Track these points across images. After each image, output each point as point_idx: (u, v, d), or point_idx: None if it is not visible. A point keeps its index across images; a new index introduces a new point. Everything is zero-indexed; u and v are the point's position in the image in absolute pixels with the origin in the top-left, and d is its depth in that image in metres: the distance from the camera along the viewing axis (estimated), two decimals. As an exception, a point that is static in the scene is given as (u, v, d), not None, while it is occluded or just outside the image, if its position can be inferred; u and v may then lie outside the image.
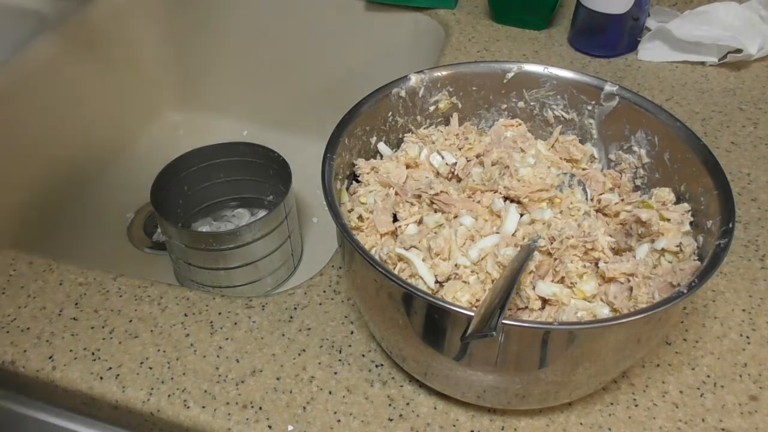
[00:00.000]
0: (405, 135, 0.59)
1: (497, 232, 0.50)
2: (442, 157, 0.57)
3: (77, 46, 0.92)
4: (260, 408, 0.49)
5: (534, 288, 0.46)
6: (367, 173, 0.55)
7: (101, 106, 0.98)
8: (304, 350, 0.53)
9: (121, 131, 1.04)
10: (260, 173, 0.76)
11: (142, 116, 1.09)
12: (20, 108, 0.83)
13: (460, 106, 0.59)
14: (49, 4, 0.92)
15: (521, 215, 0.51)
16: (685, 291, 0.40)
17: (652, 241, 0.48)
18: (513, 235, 0.49)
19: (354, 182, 0.55)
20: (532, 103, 0.59)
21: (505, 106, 0.59)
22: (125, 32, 1.02)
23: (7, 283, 0.59)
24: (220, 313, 0.56)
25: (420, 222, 0.51)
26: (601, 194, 0.55)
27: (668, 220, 0.49)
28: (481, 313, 0.38)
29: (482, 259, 0.47)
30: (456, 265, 0.47)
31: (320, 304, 0.56)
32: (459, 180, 0.56)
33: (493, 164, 0.54)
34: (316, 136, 0.57)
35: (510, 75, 0.57)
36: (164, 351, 0.53)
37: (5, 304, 0.57)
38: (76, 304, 0.57)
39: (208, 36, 1.08)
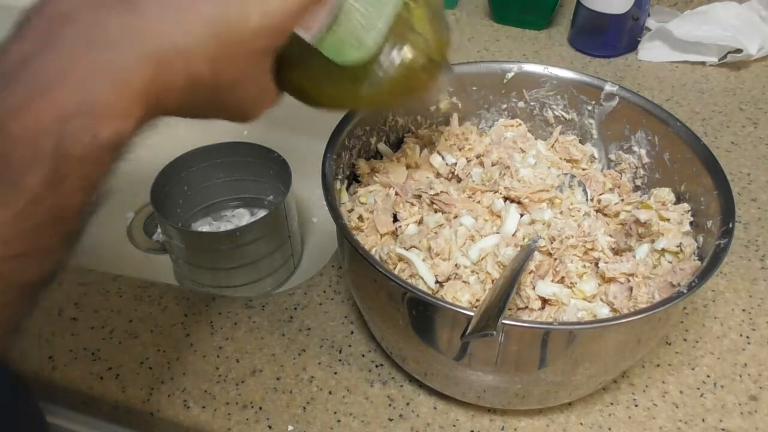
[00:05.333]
0: (405, 135, 0.59)
1: (497, 233, 0.50)
2: (443, 158, 0.57)
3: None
4: (260, 408, 0.49)
5: (534, 288, 0.46)
6: (367, 173, 0.55)
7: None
8: (304, 350, 0.53)
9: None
10: (260, 173, 0.76)
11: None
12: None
13: (460, 106, 0.59)
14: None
15: (521, 215, 0.51)
16: (685, 291, 0.40)
17: (652, 242, 0.49)
18: (513, 235, 0.49)
19: (354, 182, 0.55)
20: (532, 103, 0.59)
21: (505, 106, 0.59)
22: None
23: (7, 283, 0.58)
24: (220, 313, 0.56)
25: (420, 222, 0.51)
26: (601, 194, 0.55)
27: (668, 220, 0.49)
28: (480, 312, 0.38)
29: (482, 259, 0.47)
30: (456, 265, 0.47)
31: (320, 304, 0.56)
32: (459, 180, 0.56)
33: (493, 165, 0.54)
34: (316, 136, 0.57)
35: (510, 75, 0.57)
36: (164, 351, 0.53)
37: (5, 304, 0.57)
38: (76, 304, 0.57)
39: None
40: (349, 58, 0.37)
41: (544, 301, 0.46)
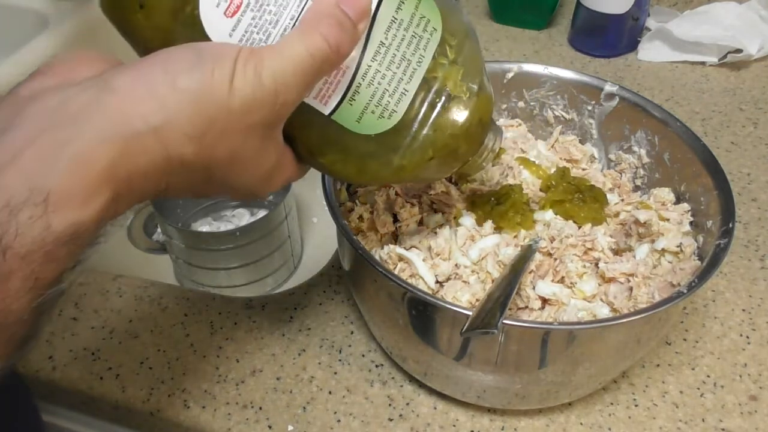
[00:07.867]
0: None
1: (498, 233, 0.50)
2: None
3: (77, 46, 0.92)
4: (260, 408, 0.49)
5: (534, 288, 0.46)
6: (367, 173, 0.55)
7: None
8: (304, 350, 0.53)
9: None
10: (260, 173, 0.76)
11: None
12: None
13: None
14: (49, 4, 0.92)
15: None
16: (685, 291, 0.40)
17: (652, 242, 0.48)
18: (514, 236, 0.49)
19: (354, 182, 0.55)
20: (532, 103, 0.59)
21: (505, 106, 0.59)
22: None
23: (7, 283, 0.58)
24: (220, 313, 0.56)
25: (420, 222, 0.51)
26: (601, 194, 0.54)
27: (668, 220, 0.49)
28: (481, 305, 0.38)
29: (482, 258, 0.47)
30: (456, 265, 0.47)
31: (320, 304, 0.56)
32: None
33: (493, 165, 0.54)
34: (316, 136, 0.58)
35: (510, 75, 0.57)
36: (164, 351, 0.53)
37: (5, 304, 0.57)
38: (76, 304, 0.57)
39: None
40: (373, 128, 0.32)
41: (544, 301, 0.46)
